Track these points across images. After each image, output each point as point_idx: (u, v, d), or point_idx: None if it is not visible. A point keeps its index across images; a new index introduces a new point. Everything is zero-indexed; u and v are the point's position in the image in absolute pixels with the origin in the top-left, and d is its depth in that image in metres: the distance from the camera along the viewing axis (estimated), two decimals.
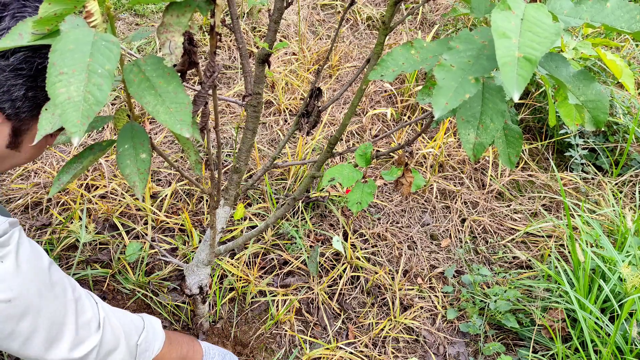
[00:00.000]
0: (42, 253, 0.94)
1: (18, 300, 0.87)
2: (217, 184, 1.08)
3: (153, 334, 1.14)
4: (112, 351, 1.03)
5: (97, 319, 1.00)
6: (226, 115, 2.21)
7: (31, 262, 0.89)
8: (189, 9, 0.69)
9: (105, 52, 0.60)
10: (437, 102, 0.57)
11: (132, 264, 1.65)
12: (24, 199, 1.76)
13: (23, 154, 0.97)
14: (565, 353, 1.53)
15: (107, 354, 1.02)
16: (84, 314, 0.97)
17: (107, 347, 1.01)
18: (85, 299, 1.00)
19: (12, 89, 0.87)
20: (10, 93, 0.87)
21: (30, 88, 0.88)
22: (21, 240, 0.89)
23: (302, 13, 2.79)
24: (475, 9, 0.70)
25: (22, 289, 0.87)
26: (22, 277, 0.87)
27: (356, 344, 1.60)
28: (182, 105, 0.65)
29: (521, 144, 0.86)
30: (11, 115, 0.88)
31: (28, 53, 0.86)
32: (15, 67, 0.85)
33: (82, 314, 0.97)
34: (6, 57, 0.85)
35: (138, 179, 0.76)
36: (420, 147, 2.22)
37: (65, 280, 0.97)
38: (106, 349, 1.01)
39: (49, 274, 0.93)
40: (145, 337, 1.11)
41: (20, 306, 0.87)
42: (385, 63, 0.70)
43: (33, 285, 0.89)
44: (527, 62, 0.51)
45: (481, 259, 1.92)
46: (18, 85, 0.87)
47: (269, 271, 1.73)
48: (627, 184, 2.24)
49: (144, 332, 1.11)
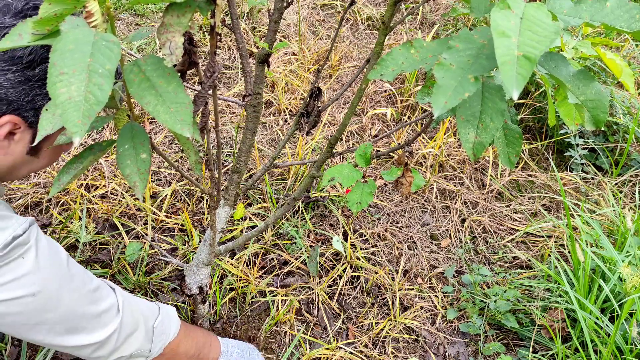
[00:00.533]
0: (59, 248, 0.98)
1: (42, 293, 0.91)
2: (217, 184, 1.09)
3: (168, 319, 1.18)
4: (131, 333, 1.07)
5: (116, 304, 1.04)
6: (226, 115, 2.21)
7: (51, 257, 0.93)
8: (189, 9, 0.69)
9: (105, 52, 0.60)
10: (436, 101, 0.57)
11: (132, 264, 1.65)
12: (24, 199, 1.76)
13: (41, 159, 1.01)
14: (565, 353, 1.53)
15: (127, 336, 1.06)
16: (103, 300, 1.02)
17: (127, 329, 1.05)
18: (104, 287, 1.05)
19: (36, 98, 0.90)
20: (34, 102, 0.90)
21: None
22: (39, 237, 0.93)
23: (302, 13, 2.79)
24: (475, 8, 0.70)
25: (45, 282, 0.91)
26: (43, 272, 0.91)
27: (356, 344, 1.60)
28: (182, 105, 0.66)
29: (521, 144, 0.86)
30: (33, 123, 0.92)
31: None
32: (40, 77, 0.89)
33: (102, 301, 1.02)
34: (32, 68, 0.89)
35: (138, 179, 0.76)
36: (420, 147, 2.22)
37: (82, 272, 1.01)
38: (126, 332, 1.05)
39: (68, 267, 0.97)
40: (160, 320, 1.15)
41: (44, 299, 0.91)
42: (384, 62, 0.70)
43: (54, 278, 0.93)
44: (526, 61, 0.51)
45: (481, 259, 1.92)
46: (42, 94, 0.90)
47: (269, 271, 1.73)
48: (627, 184, 2.24)
49: (159, 316, 1.16)
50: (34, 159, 0.98)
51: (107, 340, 1.02)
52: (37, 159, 0.99)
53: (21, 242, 0.88)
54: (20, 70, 0.88)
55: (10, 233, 0.86)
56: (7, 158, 0.94)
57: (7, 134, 0.91)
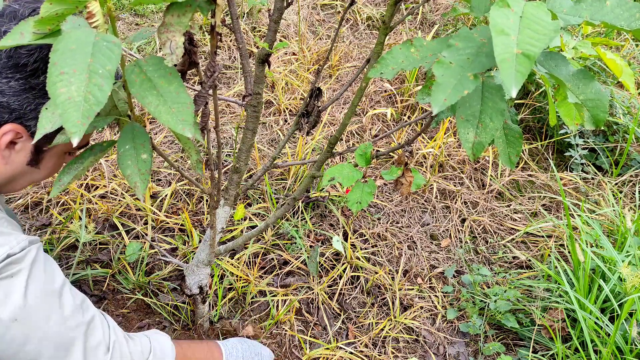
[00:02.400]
0: (55, 274, 0.93)
1: (24, 321, 0.86)
2: (217, 184, 1.09)
3: (162, 353, 1.12)
4: None
5: (106, 343, 0.98)
6: (226, 115, 2.22)
7: (42, 283, 0.89)
8: (189, 9, 0.69)
9: (106, 53, 0.60)
10: (435, 99, 0.57)
11: (132, 264, 1.65)
12: (24, 199, 1.76)
13: (42, 170, 0.99)
14: (565, 353, 1.53)
15: None
16: (93, 337, 0.96)
17: None
18: (98, 321, 0.99)
19: (39, 107, 0.89)
20: (37, 111, 0.89)
21: None
22: (37, 259, 0.89)
23: (302, 13, 2.79)
24: (475, 8, 0.71)
25: (30, 310, 0.86)
26: (30, 298, 0.86)
27: (356, 344, 1.60)
28: (184, 105, 0.66)
29: (521, 144, 0.86)
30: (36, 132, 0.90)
31: None
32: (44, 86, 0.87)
33: (91, 337, 0.96)
34: (37, 76, 0.87)
35: (139, 180, 0.76)
36: (420, 147, 2.22)
37: (77, 302, 0.95)
38: None
39: (60, 296, 0.92)
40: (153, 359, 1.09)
41: (25, 327, 0.86)
42: (385, 61, 0.70)
43: (41, 307, 0.88)
44: (525, 59, 0.51)
45: (481, 259, 1.92)
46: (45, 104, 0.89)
47: (269, 271, 1.73)
48: (627, 184, 2.25)
49: (151, 354, 1.09)
50: (34, 169, 0.97)
51: None
52: (37, 170, 0.97)
53: (15, 260, 0.85)
54: (24, 78, 0.87)
55: (5, 250, 0.84)
56: (8, 168, 0.93)
57: (9, 144, 0.90)
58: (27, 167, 0.95)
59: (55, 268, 0.94)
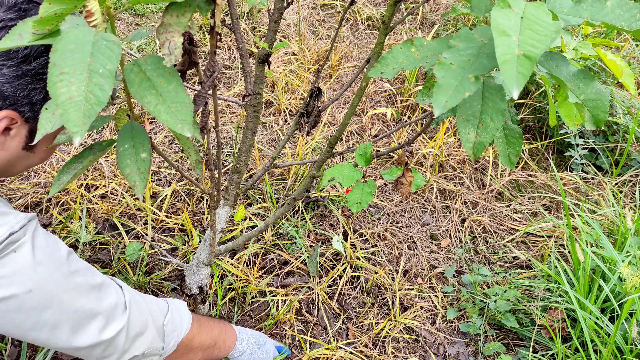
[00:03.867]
0: (59, 243, 0.95)
1: (38, 290, 0.88)
2: (217, 184, 1.08)
3: (179, 314, 1.17)
4: (141, 333, 1.04)
5: (122, 302, 1.02)
6: (226, 115, 2.21)
7: (48, 252, 0.91)
8: (189, 9, 0.69)
9: (106, 52, 0.60)
10: (437, 100, 0.57)
11: (132, 264, 1.65)
12: (24, 199, 1.76)
13: (37, 155, 1.00)
14: (565, 353, 1.53)
15: (137, 335, 1.04)
16: (107, 298, 0.99)
17: (135, 328, 1.03)
18: (109, 283, 1.02)
19: (32, 93, 0.89)
20: (31, 97, 0.89)
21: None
22: (36, 232, 0.90)
23: (302, 13, 2.79)
24: (475, 8, 0.70)
25: (41, 279, 0.88)
26: (39, 268, 0.88)
27: (356, 344, 1.60)
28: (183, 104, 0.66)
29: (521, 144, 0.86)
30: (30, 118, 0.91)
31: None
32: (37, 72, 0.88)
33: (106, 298, 0.98)
34: (29, 62, 0.88)
35: (138, 179, 0.76)
36: (420, 147, 2.22)
37: (85, 268, 0.98)
38: (135, 331, 1.03)
39: (68, 262, 0.94)
40: (171, 317, 1.13)
41: (40, 296, 0.88)
42: (385, 61, 0.70)
43: (52, 275, 0.90)
44: (526, 60, 0.51)
45: (481, 259, 1.92)
46: (38, 89, 0.89)
47: (269, 271, 1.73)
48: (627, 184, 2.24)
49: (169, 313, 1.14)
50: (29, 154, 0.97)
51: (114, 340, 0.99)
52: (32, 155, 0.98)
53: (15, 238, 0.86)
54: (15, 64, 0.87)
55: (6, 230, 0.85)
56: (3, 154, 0.94)
57: (4, 130, 0.91)
58: (22, 152, 0.95)
59: (57, 239, 0.96)
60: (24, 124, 0.92)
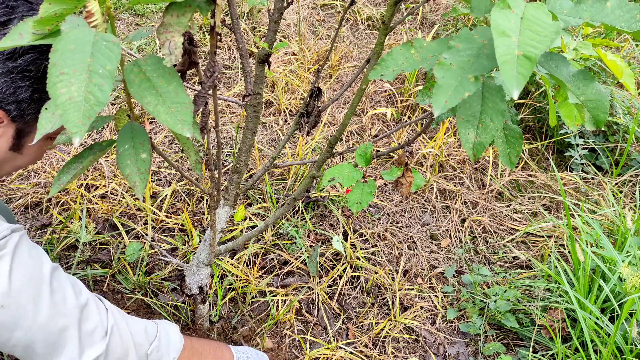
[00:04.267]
0: (42, 258, 0.91)
1: (11, 307, 0.84)
2: (217, 184, 1.08)
3: (167, 342, 1.09)
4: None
5: (103, 327, 0.96)
6: (226, 115, 2.21)
7: (29, 267, 0.87)
8: (189, 9, 0.69)
9: (106, 52, 0.60)
10: (436, 101, 0.57)
11: (132, 264, 1.65)
12: (24, 199, 1.76)
13: (25, 156, 0.97)
14: (565, 353, 1.53)
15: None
16: (88, 321, 0.93)
17: (114, 355, 0.97)
18: (93, 305, 0.96)
19: (18, 91, 0.87)
20: (17, 95, 0.87)
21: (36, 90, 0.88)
22: (20, 245, 0.87)
23: (302, 13, 2.79)
24: (475, 8, 0.70)
25: (16, 295, 0.84)
26: (16, 283, 0.84)
27: (356, 344, 1.60)
28: (183, 105, 0.66)
29: (521, 144, 0.86)
30: (16, 117, 0.89)
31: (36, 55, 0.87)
32: (22, 69, 0.86)
33: (86, 321, 0.93)
34: (14, 59, 0.86)
35: (138, 179, 0.76)
36: (420, 147, 2.22)
37: (69, 286, 0.93)
38: (113, 358, 0.97)
39: (50, 280, 0.89)
40: (157, 346, 1.06)
41: (12, 313, 0.84)
42: (385, 62, 0.70)
43: (28, 291, 0.86)
44: (526, 61, 0.51)
45: (481, 259, 1.92)
46: (24, 87, 0.87)
47: (269, 271, 1.73)
48: (627, 184, 2.24)
49: (155, 340, 1.06)
50: (17, 155, 0.95)
51: None
52: (20, 155, 0.95)
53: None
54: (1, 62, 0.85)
55: None
56: None
57: None
58: (9, 152, 0.93)
59: (42, 254, 0.91)
60: (11, 123, 0.89)
